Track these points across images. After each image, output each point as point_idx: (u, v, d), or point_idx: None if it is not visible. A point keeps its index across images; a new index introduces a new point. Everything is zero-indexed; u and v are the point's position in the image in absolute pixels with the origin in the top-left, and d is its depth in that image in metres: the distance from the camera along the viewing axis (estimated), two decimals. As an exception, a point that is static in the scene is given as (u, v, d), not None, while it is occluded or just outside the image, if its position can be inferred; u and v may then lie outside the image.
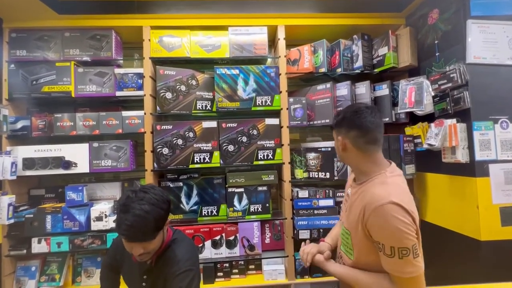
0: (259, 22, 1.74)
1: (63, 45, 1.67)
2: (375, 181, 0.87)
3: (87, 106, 1.83)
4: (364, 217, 0.82)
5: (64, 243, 1.60)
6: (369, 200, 0.81)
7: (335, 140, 0.96)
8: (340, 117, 0.93)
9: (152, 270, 1.04)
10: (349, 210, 0.92)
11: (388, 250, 0.77)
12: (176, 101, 1.69)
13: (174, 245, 1.05)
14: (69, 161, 1.62)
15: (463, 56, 1.36)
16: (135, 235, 0.89)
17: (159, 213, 0.92)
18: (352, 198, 0.93)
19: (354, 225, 0.87)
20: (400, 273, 0.77)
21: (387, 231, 0.77)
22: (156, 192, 0.96)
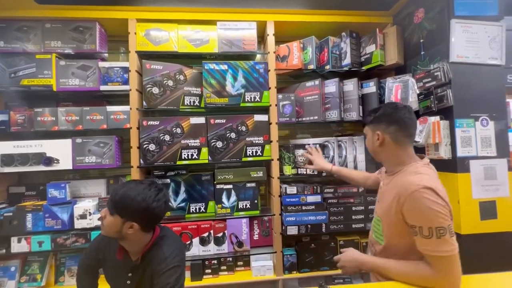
0: (248, 17, 1.72)
1: (44, 37, 1.60)
2: (408, 171, 0.93)
3: (70, 101, 1.77)
4: (399, 203, 0.87)
5: (46, 242, 1.55)
6: (403, 187, 0.87)
7: (370, 135, 1.03)
8: (379, 113, 0.99)
9: (138, 268, 1.03)
10: (381, 199, 1.01)
11: (426, 232, 0.81)
12: (163, 96, 1.66)
13: (161, 242, 1.04)
14: (50, 157, 1.56)
15: (447, 55, 1.39)
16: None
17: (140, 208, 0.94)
18: (384, 188, 1.01)
19: (386, 212, 0.93)
20: (438, 252, 0.81)
21: (423, 213, 0.82)
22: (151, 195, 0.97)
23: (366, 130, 1.05)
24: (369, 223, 1.68)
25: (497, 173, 1.36)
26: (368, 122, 1.03)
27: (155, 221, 1.02)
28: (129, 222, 0.95)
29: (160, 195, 0.98)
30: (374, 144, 1.01)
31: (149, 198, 0.95)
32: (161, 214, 1.00)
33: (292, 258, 1.68)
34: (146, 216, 0.96)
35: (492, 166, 1.36)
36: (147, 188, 0.97)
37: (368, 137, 1.05)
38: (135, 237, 0.98)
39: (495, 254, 1.32)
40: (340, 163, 1.68)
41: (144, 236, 1.01)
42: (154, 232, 1.05)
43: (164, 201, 0.99)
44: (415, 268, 0.86)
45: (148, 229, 1.01)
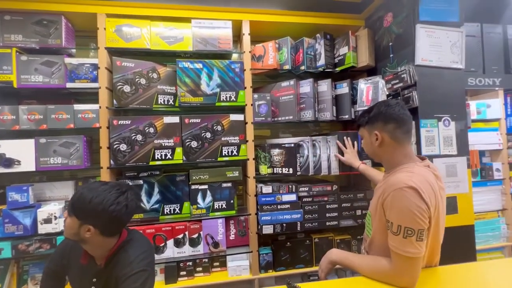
0: (224, 16, 1.71)
1: (3, 30, 1.50)
2: (403, 169, 0.93)
3: (34, 98, 1.66)
4: (383, 197, 0.89)
5: (6, 249, 1.45)
6: (391, 184, 0.88)
7: (367, 137, 1.00)
8: (373, 113, 0.97)
9: (102, 273, 0.98)
10: (374, 195, 1.01)
11: (395, 228, 0.83)
12: (135, 95, 1.61)
13: (128, 246, 1.00)
14: (10, 158, 1.46)
15: (413, 58, 1.46)
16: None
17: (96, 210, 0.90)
18: (378, 185, 1.00)
19: (374, 206, 0.95)
20: (400, 250, 0.83)
21: (398, 211, 0.83)
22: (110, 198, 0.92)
23: (362, 132, 1.02)
24: (343, 220, 1.73)
25: (458, 170, 1.44)
26: (364, 123, 1.00)
27: (115, 226, 0.96)
28: (86, 225, 0.90)
29: (121, 198, 0.93)
30: (373, 145, 0.98)
31: (107, 201, 0.90)
32: (122, 218, 0.94)
33: (268, 257, 1.69)
34: (103, 220, 0.90)
35: (453, 164, 1.44)
36: (108, 190, 0.92)
37: (365, 139, 1.02)
38: (95, 241, 0.93)
39: (456, 247, 1.40)
40: (314, 162, 1.71)
41: (106, 240, 0.95)
42: (121, 235, 1.01)
43: (124, 204, 0.93)
44: (375, 262, 0.91)
45: (108, 234, 0.95)
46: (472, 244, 1.46)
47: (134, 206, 0.98)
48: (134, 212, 0.99)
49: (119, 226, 0.98)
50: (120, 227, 0.99)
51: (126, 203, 0.94)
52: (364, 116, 1.01)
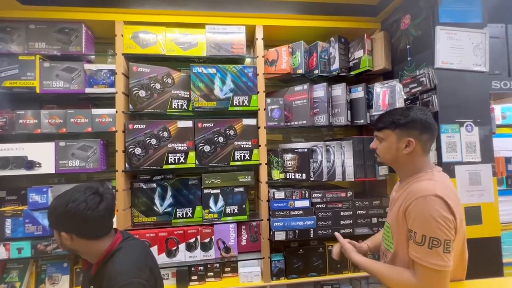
0: (237, 21, 1.72)
1: (28, 38, 1.57)
2: (422, 178, 0.88)
3: (54, 103, 1.73)
4: (404, 205, 0.83)
5: (26, 248, 1.50)
6: (413, 191, 0.83)
7: (394, 141, 0.91)
8: (410, 118, 0.90)
9: (95, 281, 0.95)
10: (392, 206, 0.96)
11: (419, 238, 0.78)
12: (150, 100, 1.64)
13: (115, 256, 0.93)
14: (32, 161, 1.52)
15: (432, 61, 1.41)
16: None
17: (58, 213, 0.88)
18: (396, 195, 0.95)
19: (395, 217, 0.89)
20: (426, 262, 0.77)
21: (422, 219, 0.77)
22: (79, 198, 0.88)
23: (387, 135, 0.93)
24: (358, 228, 1.68)
25: (482, 178, 1.36)
26: (394, 126, 0.91)
27: (86, 225, 0.89)
28: (62, 233, 0.89)
29: (78, 196, 0.88)
30: (399, 151, 0.90)
31: (64, 202, 0.87)
32: (85, 215, 0.87)
33: (280, 264, 1.66)
34: (69, 221, 0.87)
35: (477, 171, 1.37)
36: (69, 192, 0.90)
37: (388, 143, 0.93)
38: (79, 247, 0.91)
39: (480, 260, 1.32)
40: (328, 168, 1.67)
41: (91, 244, 0.92)
42: (112, 242, 0.96)
43: (82, 200, 0.87)
44: (399, 273, 0.85)
45: (85, 236, 0.90)
46: (498, 257, 1.37)
47: (96, 202, 0.90)
48: (102, 209, 0.90)
49: (91, 225, 0.91)
50: (94, 226, 0.92)
51: (85, 199, 0.88)
52: (397, 119, 0.91)
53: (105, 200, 0.93)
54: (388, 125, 0.92)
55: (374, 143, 1.00)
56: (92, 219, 0.89)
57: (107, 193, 0.95)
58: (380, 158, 0.99)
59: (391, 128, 0.92)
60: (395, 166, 0.97)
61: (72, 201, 0.87)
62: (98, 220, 0.91)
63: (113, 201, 0.97)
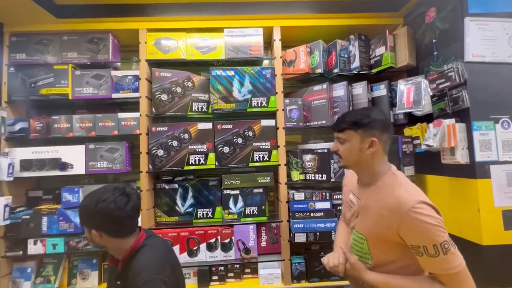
0: (255, 23, 1.74)
1: (61, 49, 1.70)
2: (386, 182, 0.88)
3: (84, 108, 1.84)
4: (394, 222, 0.80)
5: (60, 244, 1.60)
6: (396, 205, 0.80)
7: (357, 141, 0.90)
8: (371, 118, 0.89)
9: (122, 276, 0.99)
10: (362, 214, 0.92)
11: (431, 250, 0.75)
12: (171, 103, 1.69)
13: (140, 252, 0.96)
14: (65, 162, 1.63)
15: (461, 55, 1.33)
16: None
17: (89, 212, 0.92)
18: (363, 202, 0.92)
19: (372, 230, 0.87)
20: (450, 270, 0.76)
21: (425, 232, 0.76)
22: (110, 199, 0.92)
23: (350, 136, 0.91)
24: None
25: (522, 179, 1.26)
26: (357, 127, 0.89)
27: (114, 224, 0.93)
28: (92, 231, 0.93)
29: (107, 195, 0.92)
30: (363, 152, 0.89)
31: (95, 202, 0.91)
32: (114, 214, 0.91)
33: (300, 267, 1.63)
34: (98, 220, 0.92)
35: (516, 171, 1.26)
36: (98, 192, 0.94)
37: (350, 144, 0.91)
38: (108, 244, 0.96)
39: (522, 268, 1.21)
40: (349, 169, 1.62)
41: (118, 242, 0.96)
42: (137, 240, 0.99)
43: (112, 200, 0.91)
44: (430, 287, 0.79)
45: (114, 234, 0.94)
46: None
47: (123, 202, 0.93)
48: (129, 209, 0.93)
49: (119, 224, 0.94)
50: (122, 225, 0.95)
51: (114, 199, 0.92)
52: (360, 119, 0.90)
53: (132, 200, 0.96)
54: (351, 125, 0.90)
55: (335, 146, 0.96)
56: (120, 218, 0.93)
57: (134, 193, 0.98)
58: (343, 161, 0.95)
59: (354, 129, 0.90)
60: (358, 168, 0.95)
61: (102, 200, 0.91)
62: (126, 219, 0.95)
63: (139, 201, 1.00)
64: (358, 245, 0.93)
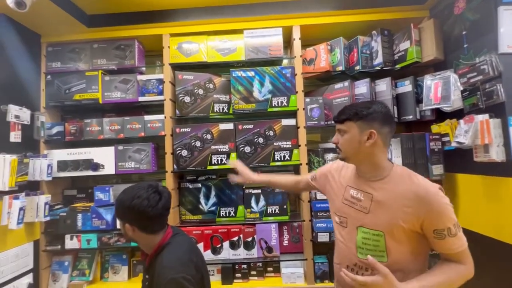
0: (274, 23, 1.74)
1: (92, 56, 1.80)
2: (398, 174, 0.90)
3: (113, 112, 1.95)
4: (421, 209, 0.82)
5: (93, 240, 1.70)
6: (423, 193, 0.83)
7: (356, 132, 0.90)
8: (372, 110, 0.90)
9: (149, 271, 1.03)
10: (377, 209, 0.88)
11: (453, 230, 0.81)
12: (194, 105, 1.74)
13: (165, 250, 0.98)
14: (97, 163, 1.73)
15: (495, 46, 1.25)
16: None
17: (124, 206, 0.96)
18: (376, 196, 0.89)
19: (393, 222, 0.85)
20: (464, 244, 0.82)
21: (446, 213, 0.81)
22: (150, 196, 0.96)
23: (350, 127, 0.91)
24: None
25: None
26: (356, 118, 0.90)
27: (145, 220, 0.97)
28: (125, 224, 0.98)
29: (141, 192, 0.95)
30: (362, 144, 0.89)
31: (130, 197, 0.95)
32: (146, 211, 0.94)
33: (324, 267, 1.62)
34: (131, 215, 0.96)
35: (559, 169, 1.17)
36: (135, 188, 0.98)
37: (350, 135, 0.92)
38: (138, 238, 1.00)
39: None
40: (373, 167, 1.59)
41: (147, 237, 1.00)
42: (164, 237, 1.02)
43: (145, 197, 0.94)
44: (455, 272, 0.83)
45: (144, 229, 0.98)
46: None
47: (156, 200, 0.96)
48: (160, 207, 0.97)
49: (150, 221, 0.97)
50: (153, 222, 0.99)
51: (147, 196, 0.95)
52: (360, 111, 0.90)
53: (164, 198, 0.99)
54: (351, 117, 0.91)
55: (335, 138, 0.97)
56: (152, 215, 0.97)
57: (165, 192, 1.02)
58: (342, 153, 0.96)
59: (354, 120, 0.91)
60: (357, 160, 0.95)
61: (137, 197, 0.94)
62: (156, 216, 0.98)
63: (169, 200, 1.03)
64: (372, 243, 0.88)
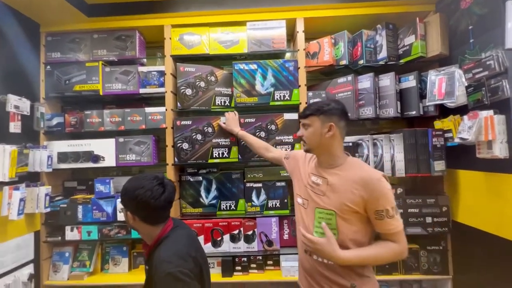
0: (277, 15, 1.72)
1: (92, 46, 1.78)
2: (350, 163, 1.05)
3: (114, 103, 1.93)
4: (366, 192, 0.95)
5: (94, 232, 1.70)
6: (368, 178, 0.97)
7: (318, 126, 1.04)
8: (332, 106, 1.05)
9: (148, 262, 1.02)
10: (330, 192, 1.02)
11: (391, 212, 0.94)
12: (195, 97, 1.73)
13: (163, 243, 0.98)
14: (97, 155, 1.72)
15: (502, 42, 1.23)
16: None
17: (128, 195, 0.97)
18: (331, 181, 1.03)
19: (343, 202, 0.98)
20: (400, 226, 0.95)
21: (388, 196, 0.95)
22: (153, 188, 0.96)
23: (313, 121, 1.05)
24: (409, 228, 1.57)
25: None
26: (319, 113, 1.05)
27: (147, 211, 0.97)
28: (127, 212, 0.99)
29: (146, 183, 0.95)
30: (323, 135, 1.03)
31: (134, 187, 0.95)
32: (149, 202, 0.94)
33: (323, 261, 1.63)
34: (134, 204, 0.96)
35: (562, 166, 1.17)
36: (140, 178, 0.98)
37: (313, 128, 1.05)
38: (139, 228, 1.01)
39: None
40: (375, 163, 1.58)
41: (148, 228, 1.00)
42: (163, 229, 1.02)
43: (148, 188, 0.94)
44: (389, 248, 0.95)
45: (144, 220, 0.99)
46: None
47: (159, 192, 0.96)
48: (163, 199, 0.96)
49: (152, 212, 0.98)
50: (154, 213, 0.99)
51: (151, 188, 0.95)
52: (320, 107, 1.05)
53: (167, 191, 0.99)
54: (314, 112, 1.05)
55: (300, 131, 1.11)
56: (153, 207, 0.96)
57: (170, 185, 1.01)
58: (307, 145, 1.09)
59: (317, 114, 1.05)
60: (319, 151, 1.08)
61: (141, 187, 0.95)
62: (158, 208, 0.98)
63: (173, 193, 1.03)
64: (325, 222, 1.01)
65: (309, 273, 1.08)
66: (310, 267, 1.07)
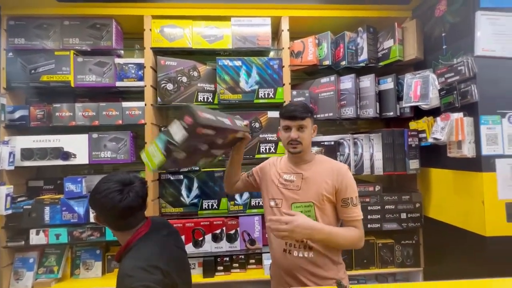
0: (263, 13, 1.70)
1: (62, 34, 1.63)
2: (319, 159, 1.14)
3: (87, 97, 1.80)
4: (337, 182, 1.04)
5: (63, 234, 1.58)
6: (337, 169, 1.06)
7: (311, 127, 1.10)
8: (310, 109, 1.12)
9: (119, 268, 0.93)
10: (306, 185, 1.07)
11: (355, 200, 1.04)
12: (177, 93, 1.66)
13: (130, 252, 0.89)
14: (68, 152, 1.59)
15: (472, 49, 1.33)
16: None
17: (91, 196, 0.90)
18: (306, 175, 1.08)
19: (319, 193, 1.04)
20: (361, 215, 1.03)
21: (353, 186, 1.05)
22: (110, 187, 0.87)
23: (309, 122, 1.09)
24: (386, 223, 1.64)
25: (526, 173, 1.28)
26: (311, 115, 1.10)
27: (110, 216, 0.89)
28: (95, 214, 0.94)
29: (104, 187, 0.87)
30: (311, 136, 1.11)
31: (94, 189, 0.88)
32: (104, 208, 0.87)
33: (305, 258, 1.65)
34: (97, 207, 0.90)
35: (520, 165, 1.29)
36: (106, 180, 0.90)
37: (309, 128, 1.10)
38: (111, 230, 0.96)
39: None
40: (355, 161, 1.64)
41: (116, 233, 0.95)
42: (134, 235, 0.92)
43: (104, 195, 0.85)
44: (352, 231, 1.01)
45: (109, 224, 0.94)
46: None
47: (116, 199, 0.86)
48: (121, 207, 0.86)
49: (111, 218, 0.90)
50: (113, 220, 0.91)
51: (108, 194, 0.86)
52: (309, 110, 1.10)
53: (128, 198, 0.87)
54: (308, 113, 1.09)
55: (295, 134, 1.06)
56: (111, 214, 0.89)
57: (134, 190, 0.89)
58: (301, 146, 1.08)
59: (310, 116, 1.10)
60: (306, 150, 1.11)
61: (98, 192, 0.87)
62: (116, 216, 0.89)
63: (136, 200, 0.90)
64: (306, 213, 1.03)
65: (288, 272, 1.05)
66: (289, 264, 1.05)
